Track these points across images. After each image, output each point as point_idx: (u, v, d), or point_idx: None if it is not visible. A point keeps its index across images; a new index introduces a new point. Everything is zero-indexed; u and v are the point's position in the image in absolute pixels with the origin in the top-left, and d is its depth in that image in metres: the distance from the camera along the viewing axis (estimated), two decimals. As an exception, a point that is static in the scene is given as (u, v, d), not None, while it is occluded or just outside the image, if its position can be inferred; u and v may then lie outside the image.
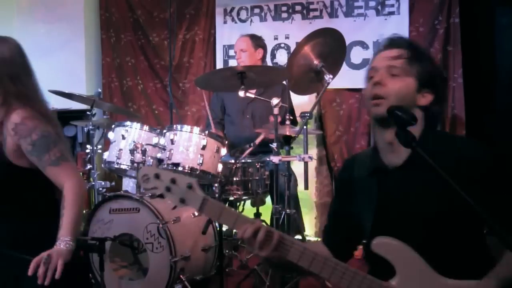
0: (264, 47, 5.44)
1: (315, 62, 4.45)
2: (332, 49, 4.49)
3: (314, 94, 5.58)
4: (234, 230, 2.02)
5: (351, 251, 2.37)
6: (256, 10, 6.39)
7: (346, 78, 5.72)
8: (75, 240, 2.53)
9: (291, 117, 4.81)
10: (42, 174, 2.64)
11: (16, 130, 2.57)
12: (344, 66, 5.13)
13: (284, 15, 6.26)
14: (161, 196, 2.11)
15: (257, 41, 5.39)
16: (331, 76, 4.36)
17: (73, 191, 2.57)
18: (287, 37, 6.26)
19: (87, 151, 5.09)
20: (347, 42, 4.92)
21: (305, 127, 4.40)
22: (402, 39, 2.22)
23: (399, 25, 5.77)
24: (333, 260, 2.01)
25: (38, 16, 7.13)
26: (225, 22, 6.57)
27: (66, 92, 4.83)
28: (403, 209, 2.07)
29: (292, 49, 5.99)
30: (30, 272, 2.35)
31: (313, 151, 6.09)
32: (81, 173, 3.93)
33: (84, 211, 5.43)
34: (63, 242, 2.47)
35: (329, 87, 4.54)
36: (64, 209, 2.53)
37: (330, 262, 2.00)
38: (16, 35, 2.93)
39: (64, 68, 6.69)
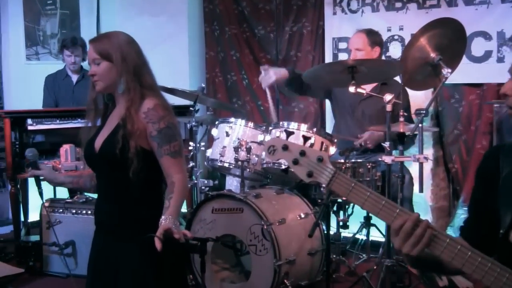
0: (381, 44, 5.33)
1: (432, 55, 4.36)
2: (451, 40, 4.39)
3: (430, 90, 5.48)
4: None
5: (492, 247, 2.21)
6: (368, 0, 6.32)
7: (466, 72, 5.56)
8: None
9: (405, 114, 4.73)
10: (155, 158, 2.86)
11: (147, 114, 2.81)
12: (464, 59, 4.98)
13: (398, 4, 6.16)
14: (285, 171, 2.11)
15: (374, 38, 5.27)
16: (449, 70, 4.27)
17: (182, 184, 2.80)
18: (401, 29, 6.15)
19: (190, 148, 5.19)
20: (468, 33, 4.79)
21: (420, 125, 4.32)
22: None
23: (527, 13, 5.56)
24: (488, 259, 1.92)
25: (140, 9, 7.35)
26: (334, 13, 6.54)
27: (169, 87, 4.95)
28: None
29: (406, 41, 5.88)
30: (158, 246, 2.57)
31: (429, 151, 5.97)
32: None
33: (186, 210, 5.57)
34: (171, 220, 2.67)
35: (447, 82, 4.44)
36: (173, 193, 2.76)
37: (485, 261, 1.91)
38: (118, 29, 3.08)
39: (167, 62, 6.85)
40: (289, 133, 3.91)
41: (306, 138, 2.45)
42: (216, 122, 4.88)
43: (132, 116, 2.80)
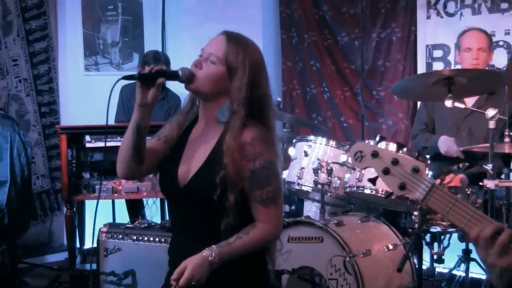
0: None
1: (544, 63, 4.27)
2: None
3: (542, 104, 5.36)
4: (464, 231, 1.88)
5: None
6: (468, 1, 6.24)
7: None
8: (218, 265, 2.53)
9: (511, 134, 4.62)
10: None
11: (243, 149, 2.61)
12: None
13: (504, 5, 6.06)
14: (373, 181, 2.07)
15: (492, 40, 5.22)
16: None
17: (263, 234, 2.63)
18: (507, 33, 6.05)
19: (263, 169, 5.20)
20: None
21: (529, 144, 4.23)
22: None
23: None
24: None
25: (209, 15, 7.42)
26: (428, 17, 6.49)
27: (241, 101, 4.98)
28: None
29: (513, 48, 5.80)
30: None
31: (540, 176, 5.83)
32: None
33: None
34: (213, 254, 2.49)
35: (563, 94, 4.34)
36: (246, 235, 2.58)
37: None
38: (184, 36, 3.07)
39: (239, 73, 6.88)
40: (381, 138, 3.83)
41: (400, 146, 2.35)
42: (294, 141, 4.89)
43: (236, 160, 2.59)
